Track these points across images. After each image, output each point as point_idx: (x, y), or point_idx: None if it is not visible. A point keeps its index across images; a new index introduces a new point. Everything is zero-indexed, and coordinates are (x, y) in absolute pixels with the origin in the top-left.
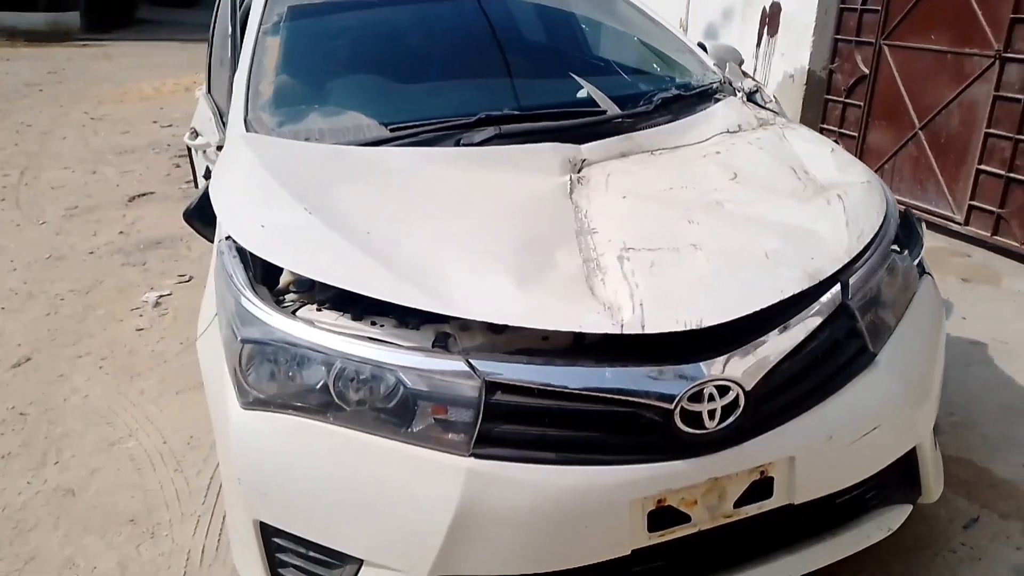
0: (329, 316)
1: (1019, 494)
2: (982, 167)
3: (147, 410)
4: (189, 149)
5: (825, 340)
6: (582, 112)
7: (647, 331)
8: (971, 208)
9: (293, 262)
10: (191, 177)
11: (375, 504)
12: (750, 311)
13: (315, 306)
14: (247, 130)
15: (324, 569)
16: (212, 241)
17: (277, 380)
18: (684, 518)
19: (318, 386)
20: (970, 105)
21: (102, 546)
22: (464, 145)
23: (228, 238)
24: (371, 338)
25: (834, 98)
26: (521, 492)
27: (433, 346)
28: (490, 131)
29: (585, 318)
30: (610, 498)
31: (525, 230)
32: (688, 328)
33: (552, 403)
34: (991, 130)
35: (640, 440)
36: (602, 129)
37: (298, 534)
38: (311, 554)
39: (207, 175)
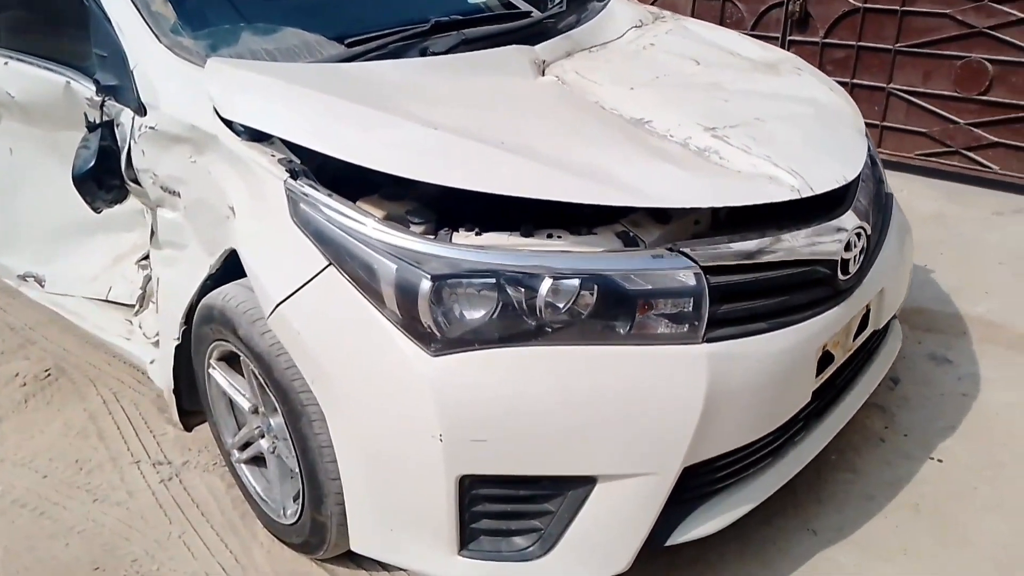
0: (498, 238)
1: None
2: None
3: None
4: None
5: (878, 184)
6: (513, 15)
7: (816, 192)
8: None
9: (475, 181)
10: None
11: (611, 415)
12: (862, 164)
13: (472, 232)
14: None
15: (530, 505)
16: (98, 211)
17: (477, 314)
18: (831, 359)
19: (526, 309)
20: None
21: None
22: (432, 54)
23: (298, 178)
24: (564, 251)
25: None
26: (750, 365)
27: (625, 246)
28: (455, 38)
29: (767, 189)
30: (806, 352)
31: (584, 128)
32: (841, 184)
33: (757, 276)
34: None
35: (816, 294)
36: (536, 31)
37: (512, 473)
38: (520, 493)
39: (92, 127)
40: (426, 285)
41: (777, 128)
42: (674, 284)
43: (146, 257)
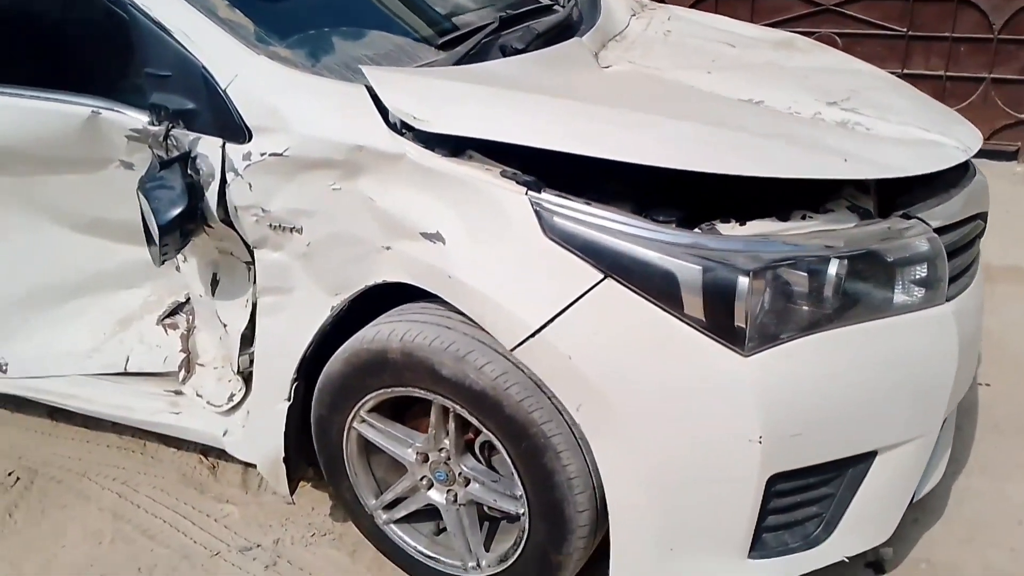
0: (764, 225)
1: None
2: None
3: None
4: None
5: None
6: (544, 9)
7: (972, 152)
8: None
9: (755, 166)
10: None
11: (889, 387)
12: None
13: (734, 223)
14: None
15: (814, 491)
16: (162, 263)
17: (785, 305)
18: None
19: (820, 294)
20: None
21: None
22: (513, 52)
23: (541, 191)
24: (821, 230)
25: None
26: (973, 316)
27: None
28: (527, 33)
29: (949, 152)
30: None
31: (733, 112)
32: (981, 143)
33: (954, 236)
34: None
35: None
36: (570, 23)
37: (813, 463)
38: (810, 481)
39: (166, 163)
40: (743, 282)
41: (882, 97)
42: (921, 249)
43: (172, 313)
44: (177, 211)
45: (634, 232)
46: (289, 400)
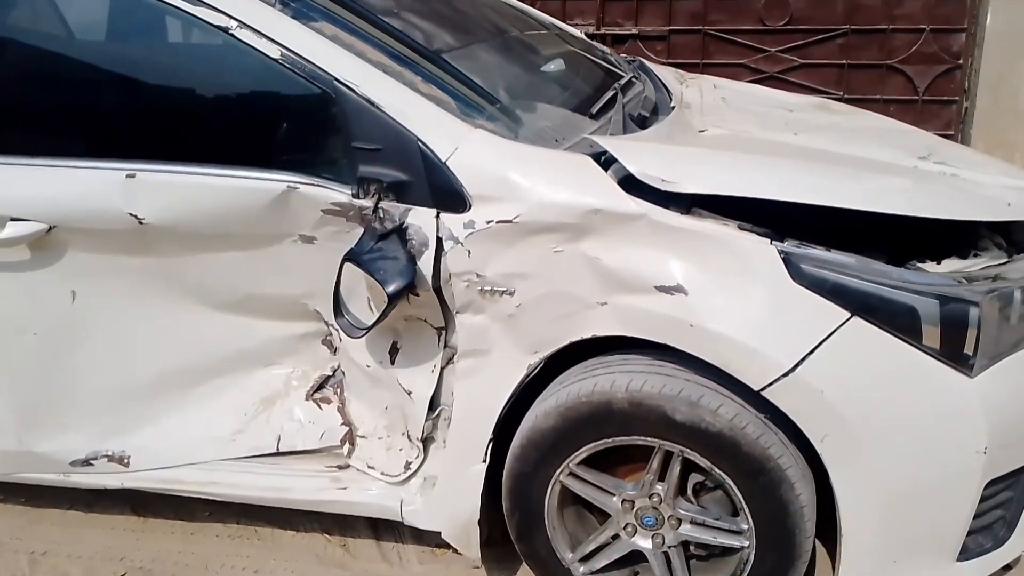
0: (955, 263)
1: None
2: None
3: None
4: None
5: None
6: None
7: None
8: None
9: (930, 209)
10: None
11: None
12: None
13: (929, 262)
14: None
15: (1002, 495)
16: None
17: (997, 331)
18: None
19: (1013, 318)
20: None
21: None
22: (639, 120)
23: (781, 240)
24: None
25: None
26: None
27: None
28: (648, 104)
29: None
30: None
31: (861, 168)
32: None
33: None
34: None
35: None
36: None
37: (1011, 469)
38: (1000, 487)
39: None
40: (975, 312)
41: (954, 152)
42: None
43: (319, 388)
44: (407, 280)
45: (875, 274)
46: (485, 461)
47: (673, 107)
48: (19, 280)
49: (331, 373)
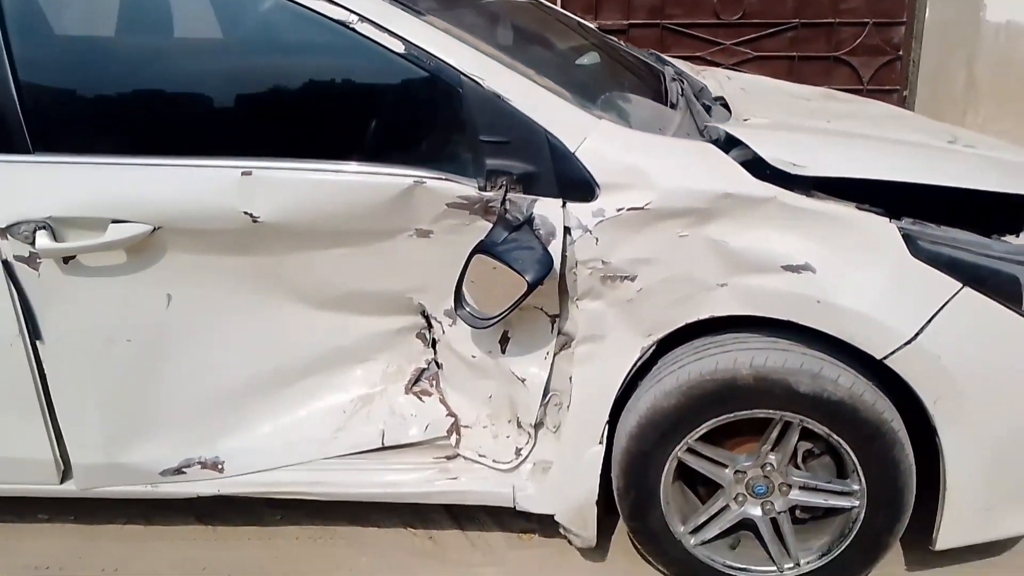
0: None
1: None
2: None
3: None
4: None
5: None
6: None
7: None
8: None
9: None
10: None
11: None
12: None
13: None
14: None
15: None
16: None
17: None
18: None
19: None
20: None
21: None
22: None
23: (899, 219)
24: None
25: None
26: None
27: None
28: (709, 96)
29: None
30: None
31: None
32: None
33: None
34: None
35: None
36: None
37: None
38: None
39: (516, 225)
40: None
41: (972, 135)
42: None
43: (417, 380)
44: (547, 269)
45: (981, 247)
46: (602, 444)
47: (719, 97)
48: (113, 285)
49: (425, 366)
